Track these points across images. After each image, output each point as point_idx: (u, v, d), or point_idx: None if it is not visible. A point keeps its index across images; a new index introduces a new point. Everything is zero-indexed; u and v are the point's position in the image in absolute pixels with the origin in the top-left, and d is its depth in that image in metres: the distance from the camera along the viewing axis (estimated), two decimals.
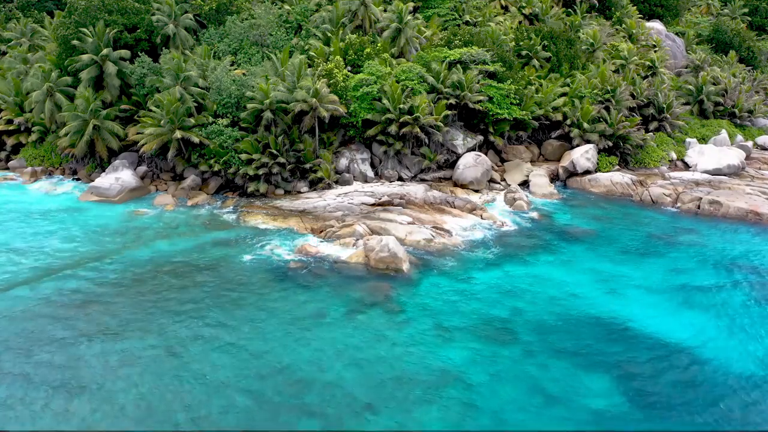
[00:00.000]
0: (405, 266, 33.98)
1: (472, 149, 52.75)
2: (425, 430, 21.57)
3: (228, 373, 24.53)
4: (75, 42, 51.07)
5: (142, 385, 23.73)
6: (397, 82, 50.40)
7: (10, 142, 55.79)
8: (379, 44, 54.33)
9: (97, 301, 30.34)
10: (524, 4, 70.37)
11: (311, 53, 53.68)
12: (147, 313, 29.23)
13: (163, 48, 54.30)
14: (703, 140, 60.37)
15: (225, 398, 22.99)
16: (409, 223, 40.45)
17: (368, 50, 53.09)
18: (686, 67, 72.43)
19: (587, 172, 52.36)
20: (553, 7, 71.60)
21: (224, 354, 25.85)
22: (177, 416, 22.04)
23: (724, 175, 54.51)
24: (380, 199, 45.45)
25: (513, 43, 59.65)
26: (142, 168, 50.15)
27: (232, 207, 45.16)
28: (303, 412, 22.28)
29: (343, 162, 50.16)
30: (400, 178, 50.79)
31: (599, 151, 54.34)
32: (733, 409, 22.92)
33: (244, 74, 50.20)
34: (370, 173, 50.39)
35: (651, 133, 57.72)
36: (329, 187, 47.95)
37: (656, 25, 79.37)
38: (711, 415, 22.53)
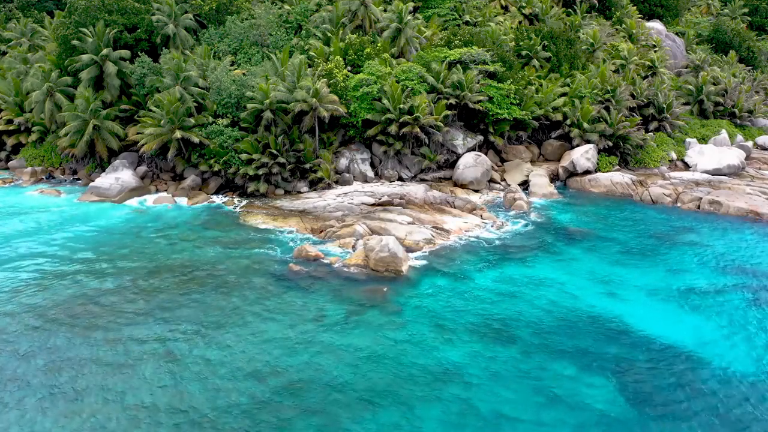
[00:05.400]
0: (405, 267, 33.99)
1: (472, 149, 52.76)
2: (425, 429, 21.56)
3: (227, 374, 24.51)
4: (75, 42, 51.09)
5: (141, 387, 23.72)
6: (397, 82, 50.41)
7: (10, 142, 55.86)
8: (379, 44, 54.33)
9: (93, 303, 30.29)
10: (524, 4, 70.39)
11: (311, 53, 53.68)
12: (145, 314, 29.21)
13: (163, 48, 54.31)
14: (703, 140, 60.38)
15: (225, 399, 22.98)
16: (409, 223, 40.44)
17: (368, 50, 53.09)
18: (686, 67, 72.46)
19: (587, 172, 52.37)
20: (553, 7, 71.63)
21: (223, 355, 25.83)
22: (177, 417, 22.03)
23: (724, 175, 54.51)
24: (380, 199, 45.46)
25: (513, 43, 59.67)
26: (142, 168, 50.17)
27: (231, 207, 45.16)
28: (303, 412, 22.28)
29: (343, 162, 50.17)
30: (400, 178, 50.80)
31: (599, 151, 54.36)
32: (733, 412, 22.90)
33: (244, 74, 50.21)
34: (370, 173, 50.39)
35: (651, 133, 57.76)
36: (329, 187, 47.96)
37: (656, 25, 79.39)
38: (711, 418, 22.50)
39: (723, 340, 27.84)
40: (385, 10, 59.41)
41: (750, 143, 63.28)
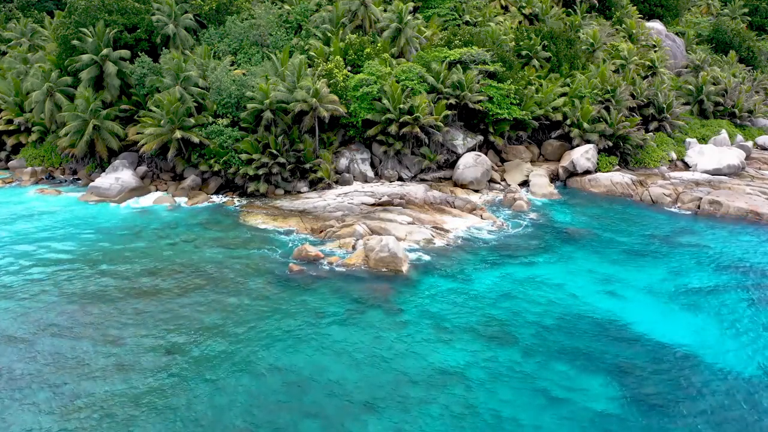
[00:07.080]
0: (404, 266, 34.00)
1: (472, 149, 52.76)
2: (425, 430, 21.56)
3: (227, 373, 24.53)
4: (75, 42, 51.09)
5: (140, 386, 23.74)
6: (397, 82, 50.41)
7: (10, 142, 55.87)
8: (379, 44, 54.33)
9: (93, 303, 30.32)
10: (524, 4, 70.39)
11: (311, 53, 53.68)
12: (145, 314, 29.21)
13: (163, 48, 54.31)
14: (703, 140, 60.38)
15: (224, 399, 22.99)
16: (409, 223, 40.46)
17: (368, 50, 53.10)
18: (686, 67, 72.46)
19: (587, 172, 52.37)
20: (553, 7, 71.63)
21: (223, 355, 25.85)
22: (176, 415, 22.04)
23: (724, 175, 54.51)
24: (380, 199, 45.46)
25: (513, 43, 59.67)
26: (142, 168, 50.17)
27: (231, 207, 45.16)
28: (302, 413, 22.29)
29: (343, 162, 50.17)
30: (400, 178, 50.80)
31: (599, 151, 54.36)
32: (732, 412, 22.90)
33: (244, 74, 50.21)
34: (370, 173, 50.39)
35: (651, 133, 57.75)
36: (329, 187, 47.96)
37: (656, 25, 79.39)
38: (710, 418, 22.52)
39: (722, 340, 27.85)
40: (385, 10, 59.41)
41: (750, 143, 63.27)
